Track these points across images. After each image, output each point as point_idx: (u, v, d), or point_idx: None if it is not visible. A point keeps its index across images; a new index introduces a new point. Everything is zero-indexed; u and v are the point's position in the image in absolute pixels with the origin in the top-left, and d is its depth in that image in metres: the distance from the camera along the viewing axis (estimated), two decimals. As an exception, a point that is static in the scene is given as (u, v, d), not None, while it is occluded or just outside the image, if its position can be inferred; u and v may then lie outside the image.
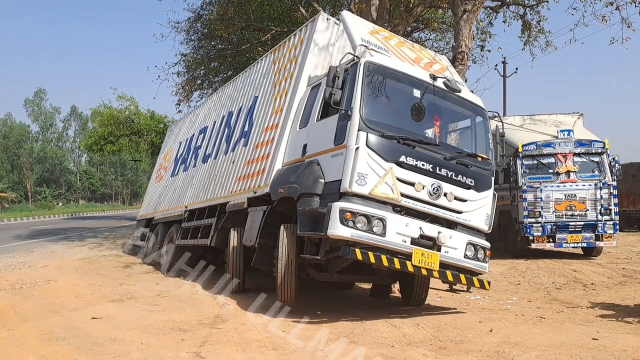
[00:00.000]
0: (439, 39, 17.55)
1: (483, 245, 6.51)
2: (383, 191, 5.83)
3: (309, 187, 6.26)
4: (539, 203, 12.20)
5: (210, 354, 4.71)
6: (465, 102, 6.90)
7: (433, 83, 6.51)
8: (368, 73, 6.07)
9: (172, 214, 11.76)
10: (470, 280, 6.38)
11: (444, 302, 7.89)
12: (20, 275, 9.11)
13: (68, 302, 7.07)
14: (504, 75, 26.28)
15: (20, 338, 5.15)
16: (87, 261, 11.89)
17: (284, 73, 8.29)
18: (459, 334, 5.64)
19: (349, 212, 5.63)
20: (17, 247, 15.57)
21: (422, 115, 6.41)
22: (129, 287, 8.53)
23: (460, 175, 6.30)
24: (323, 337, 5.43)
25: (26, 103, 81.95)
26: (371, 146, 5.83)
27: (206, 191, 10.11)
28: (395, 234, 5.81)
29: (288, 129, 7.50)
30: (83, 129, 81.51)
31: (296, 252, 6.41)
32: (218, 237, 8.97)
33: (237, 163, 8.99)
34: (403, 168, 5.94)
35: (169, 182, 13.43)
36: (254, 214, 7.68)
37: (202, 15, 17.89)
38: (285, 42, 8.86)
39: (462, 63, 9.13)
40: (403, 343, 5.27)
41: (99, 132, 27.78)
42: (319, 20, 7.80)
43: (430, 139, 6.48)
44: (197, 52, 19.20)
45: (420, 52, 7.64)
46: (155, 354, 4.70)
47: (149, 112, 27.83)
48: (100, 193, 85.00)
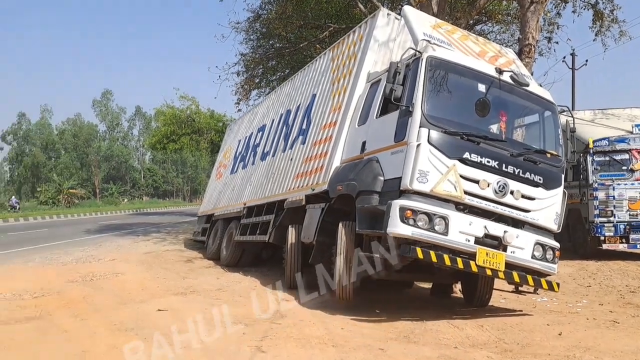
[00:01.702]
0: (503, 31, 16.97)
1: (552, 245, 6.24)
2: (445, 189, 5.69)
3: (368, 184, 6.20)
4: (611, 202, 11.56)
5: (271, 348, 4.74)
6: (533, 96, 6.62)
7: (499, 77, 6.28)
8: (430, 68, 5.93)
9: (232, 210, 11.98)
10: (537, 282, 6.13)
11: (508, 304, 7.62)
12: (91, 268, 9.55)
13: (135, 294, 7.33)
14: (573, 67, 25.15)
15: (92, 327, 5.39)
16: (151, 255, 12.31)
17: (343, 70, 8.25)
18: (526, 337, 5.43)
19: (410, 210, 5.53)
20: (87, 241, 16.35)
21: (487, 110, 6.20)
22: (191, 281, 8.76)
23: (528, 172, 6.06)
24: (383, 336, 5.37)
25: (94, 104, 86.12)
26: (433, 143, 5.69)
27: (264, 188, 10.24)
28: (459, 232, 5.65)
29: (346, 126, 7.46)
30: (147, 128, 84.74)
31: (354, 250, 6.36)
32: (276, 233, 9.06)
33: (295, 160, 9.04)
34: (467, 165, 5.77)
35: (228, 179, 13.70)
36: (312, 211, 7.69)
37: (261, 15, 18.17)
38: (344, 39, 8.82)
39: (529, 56, 8.78)
40: (466, 345, 5.12)
41: (162, 131, 28.90)
42: (379, 15, 7.71)
43: (496, 135, 6.26)
44: (255, 51, 19.53)
45: (485, 45, 7.40)
46: (219, 346, 4.79)
47: (209, 111, 28.68)
48: (162, 190, 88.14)
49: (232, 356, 4.53)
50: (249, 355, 4.55)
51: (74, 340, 4.88)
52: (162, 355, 4.46)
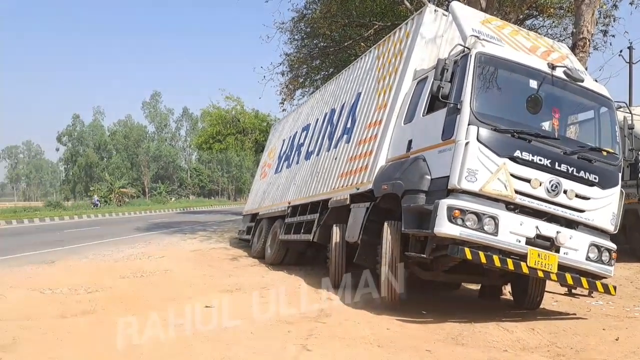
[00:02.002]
0: (555, 25, 16.38)
1: (608, 246, 5.99)
2: (495, 188, 5.54)
3: (415, 183, 6.12)
4: (671, 202, 11.00)
5: (316, 347, 4.75)
6: (588, 92, 6.37)
7: (552, 72, 6.07)
8: (479, 64, 5.79)
9: (276, 209, 12.08)
10: (592, 285, 5.91)
11: (561, 307, 7.36)
12: (141, 264, 9.84)
13: (183, 291, 7.50)
14: (630, 61, 24.05)
15: (143, 322, 5.52)
16: (198, 253, 12.58)
17: (389, 68, 8.17)
18: (580, 341, 5.22)
19: (458, 210, 5.42)
20: (137, 238, 16.86)
21: (539, 107, 5.99)
22: (237, 279, 8.89)
23: (582, 171, 5.83)
24: (429, 338, 5.29)
25: (143, 105, 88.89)
26: (482, 141, 5.56)
27: (309, 187, 10.27)
28: (509, 233, 5.50)
29: (392, 125, 7.39)
30: (193, 128, 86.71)
31: (400, 250, 6.29)
32: (320, 232, 9.07)
33: (340, 160, 9.02)
34: (518, 163, 5.60)
35: (272, 178, 13.83)
36: (356, 210, 7.66)
37: (306, 14, 18.26)
38: (390, 36, 8.74)
39: (584, 50, 8.43)
40: (517, 348, 4.98)
41: (208, 131, 29.48)
42: (426, 12, 7.59)
43: (549, 132, 6.05)
44: (300, 51, 19.63)
45: (537, 40, 7.17)
46: (264, 344, 4.84)
47: (254, 112, 29.02)
48: (208, 189, 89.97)
49: (278, 354, 4.56)
50: (295, 353, 4.57)
51: (125, 335, 4.98)
52: (210, 351, 4.53)
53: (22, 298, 6.62)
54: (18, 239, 16.53)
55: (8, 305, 6.13)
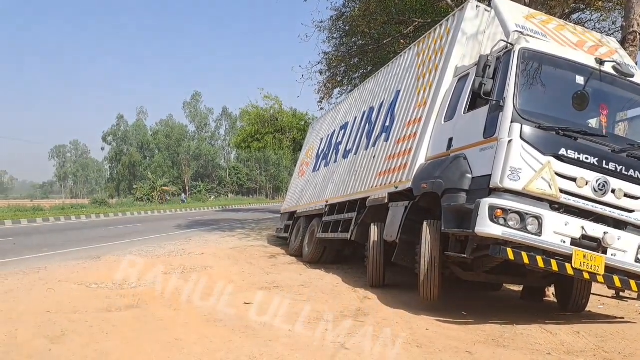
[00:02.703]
0: (603, 19, 15.78)
1: (659, 248, 5.73)
2: (539, 187, 5.40)
3: (455, 182, 6.04)
4: None
5: (354, 346, 4.74)
6: (639, 87, 6.12)
7: (600, 68, 5.88)
8: (523, 60, 5.65)
9: (314, 208, 12.12)
10: (642, 288, 5.67)
11: (608, 310, 7.12)
12: (182, 261, 10.03)
13: (222, 287, 7.60)
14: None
15: (184, 317, 5.64)
16: (237, 250, 12.73)
17: (429, 65, 8.07)
18: (628, 346, 5.04)
19: (500, 209, 5.31)
20: (177, 235, 17.23)
21: (585, 103, 5.80)
22: (275, 277, 8.95)
23: (631, 169, 5.61)
24: (470, 339, 5.20)
25: (184, 105, 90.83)
26: (526, 138, 5.43)
27: (346, 186, 10.25)
28: (553, 233, 5.35)
29: (432, 123, 7.30)
30: (232, 127, 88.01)
31: (440, 249, 6.21)
32: (358, 231, 9.04)
33: (378, 158, 8.97)
34: (563, 162, 5.44)
35: (310, 177, 13.87)
36: (395, 209, 7.60)
37: (345, 13, 18.21)
38: (430, 33, 8.63)
39: (634, 44, 8.09)
40: (561, 351, 4.84)
41: (246, 130, 29.77)
42: (468, 7, 7.45)
43: (596, 130, 5.87)
44: (338, 49, 19.59)
45: (584, 34, 6.94)
46: (302, 341, 4.85)
47: (292, 110, 29.14)
48: (246, 187, 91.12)
49: (316, 351, 4.57)
50: (333, 351, 4.57)
51: (169, 329, 5.13)
52: (249, 347, 4.58)
53: (70, 292, 6.84)
54: (65, 235, 17.13)
55: (57, 299, 6.34)
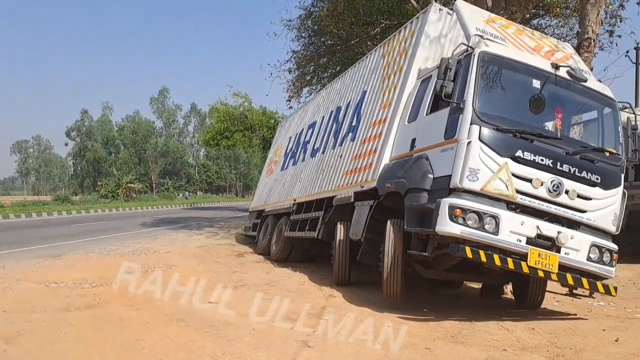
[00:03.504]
0: (561, 25, 16.28)
1: (609, 247, 5.99)
2: (496, 187, 5.56)
3: (417, 182, 6.15)
4: (677, 203, 10.94)
5: (318, 344, 4.80)
6: (591, 92, 6.36)
7: (555, 72, 6.07)
8: (482, 64, 5.80)
9: (282, 206, 12.14)
10: (593, 285, 5.91)
11: (562, 307, 7.37)
12: (146, 260, 9.90)
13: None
14: (637, 62, 23.83)
15: (146, 317, 5.60)
16: (204, 249, 12.64)
17: (393, 67, 8.20)
18: (580, 342, 5.22)
19: (459, 209, 5.45)
20: (142, 233, 16.99)
21: (541, 107, 5.98)
22: (242, 275, 8.94)
23: (584, 171, 5.83)
24: (429, 336, 5.32)
25: (152, 101, 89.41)
26: (484, 140, 5.58)
27: (314, 185, 10.32)
28: (509, 232, 5.52)
29: (396, 123, 7.41)
30: (201, 124, 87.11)
31: (403, 248, 6.32)
32: (325, 230, 9.11)
33: (345, 157, 9.06)
34: (519, 163, 5.62)
35: (278, 175, 13.89)
36: (360, 208, 7.70)
37: (313, 12, 18.29)
38: (395, 35, 8.75)
39: (589, 50, 8.40)
40: (516, 347, 4.99)
41: (215, 127, 29.60)
42: (431, 11, 7.60)
43: (551, 133, 6.06)
44: (307, 48, 19.65)
45: (541, 40, 7.15)
46: (266, 340, 4.88)
47: (261, 109, 29.09)
48: (215, 185, 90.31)
49: (279, 349, 4.61)
50: (296, 349, 4.62)
51: (129, 329, 5.09)
52: (212, 347, 4.60)
53: (28, 291, 6.70)
54: (25, 232, 16.71)
55: (14, 298, 6.21)
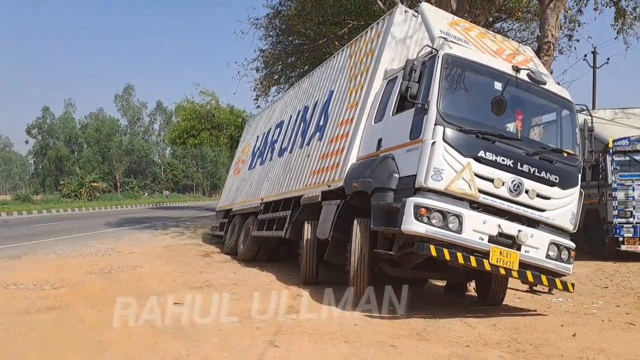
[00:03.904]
0: (523, 29, 16.72)
1: (567, 245, 6.19)
2: (460, 187, 5.68)
3: (384, 181, 6.22)
4: (631, 202, 11.41)
5: (284, 343, 4.80)
6: (550, 94, 6.56)
7: (516, 75, 6.23)
8: (446, 66, 5.91)
9: (249, 206, 12.09)
10: (552, 282, 6.10)
11: (523, 304, 7.57)
12: (109, 261, 9.73)
13: (152, 287, 7.46)
14: (594, 66, 24.68)
15: (109, 319, 5.48)
16: (169, 249, 12.49)
17: (360, 67, 8.26)
18: (539, 337, 5.39)
19: (424, 208, 5.54)
20: (106, 233, 16.65)
21: (503, 108, 6.14)
22: (208, 275, 8.88)
23: (543, 171, 6.01)
24: (395, 333, 5.39)
25: (116, 98, 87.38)
26: (448, 141, 5.68)
27: (281, 184, 10.31)
28: (472, 231, 5.64)
29: (363, 123, 7.48)
30: (167, 123, 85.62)
31: (369, 247, 6.39)
32: (292, 229, 9.12)
33: (312, 157, 9.08)
34: (481, 163, 5.75)
35: (246, 175, 13.81)
36: (327, 207, 7.74)
37: (281, 11, 18.22)
38: (362, 35, 8.82)
39: (548, 54, 8.65)
40: (478, 343, 5.11)
41: (182, 125, 29.13)
42: (397, 12, 7.69)
43: (512, 134, 6.22)
44: (275, 47, 19.57)
45: (503, 43, 7.34)
46: (232, 340, 4.86)
47: (229, 107, 28.80)
48: (182, 184, 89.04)
49: (245, 350, 4.59)
50: (262, 349, 4.61)
51: (92, 331, 5.00)
52: (176, 348, 4.55)
53: (-14, 294, 6.52)
54: (-17, 233, 16.16)
55: (-29, 301, 6.03)
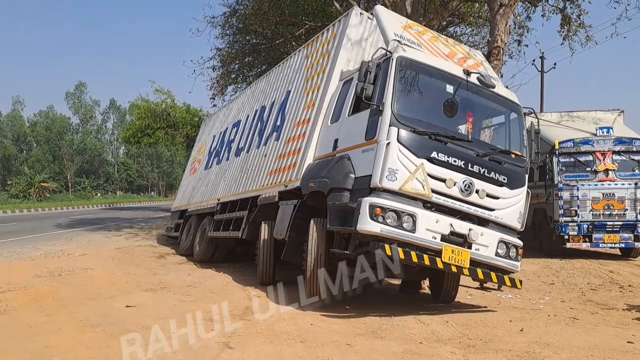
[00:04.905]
0: (475, 33, 17.23)
1: (515, 243, 6.41)
2: (413, 187, 5.79)
3: (340, 181, 6.28)
4: (576, 202, 11.90)
5: (239, 344, 4.77)
6: (499, 98, 6.78)
7: (466, 78, 6.40)
8: (400, 68, 6.02)
9: (205, 206, 11.95)
10: (501, 279, 6.30)
11: (474, 300, 7.80)
12: (59, 263, 9.42)
13: (104, 290, 7.28)
14: (542, 70, 25.67)
15: (58, 323, 5.35)
16: (123, 251, 12.20)
17: (317, 68, 8.31)
18: (489, 333, 5.57)
19: (379, 208, 5.62)
20: (57, 235, 16.10)
21: (454, 111, 6.31)
22: (163, 277, 8.73)
23: (492, 172, 6.21)
24: (351, 332, 5.45)
25: (67, 96, 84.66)
26: (402, 141, 5.79)
27: (238, 184, 10.24)
28: (425, 230, 5.77)
29: (320, 124, 7.52)
30: (121, 121, 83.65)
31: (326, 246, 6.43)
32: (249, 229, 9.08)
33: (269, 157, 9.07)
34: (434, 164, 5.89)
35: (202, 174, 13.65)
36: (284, 207, 7.74)
37: (238, 10, 18.10)
38: (318, 36, 8.88)
39: (498, 58, 8.94)
40: (431, 340, 5.23)
41: (136, 124, 28.46)
42: (352, 14, 7.78)
43: (463, 135, 6.39)
44: (232, 46, 19.41)
45: (454, 47, 7.53)
46: (186, 343, 4.79)
47: (185, 106, 28.38)
48: (137, 184, 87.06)
49: (199, 352, 4.54)
50: (216, 351, 4.57)
51: (38, 336, 4.85)
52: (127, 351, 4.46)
53: None
54: None
55: None
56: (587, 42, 14.02)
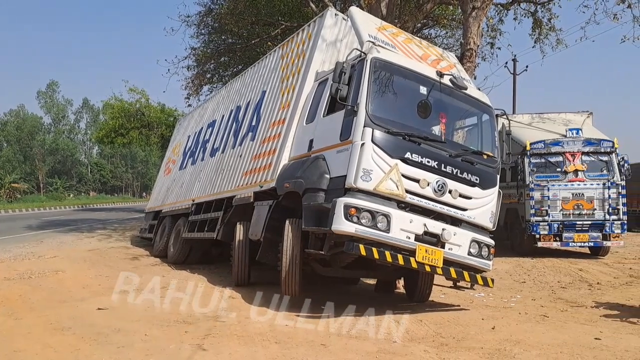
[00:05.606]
0: (449, 35, 17.46)
1: (487, 242, 6.50)
2: (388, 187, 5.84)
3: (315, 182, 6.29)
4: (546, 201, 12.15)
5: (213, 346, 4.75)
6: (471, 99, 6.87)
7: (439, 80, 6.48)
8: (374, 69, 6.06)
9: (180, 207, 11.83)
10: (473, 278, 6.39)
11: (447, 299, 7.89)
12: (30, 265, 9.22)
13: (75, 293, 7.15)
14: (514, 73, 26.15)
15: (27, 327, 5.24)
16: (95, 252, 11.99)
17: (292, 68, 8.31)
18: (461, 331, 5.65)
19: (354, 208, 5.65)
20: (27, 237, 15.74)
21: (428, 112, 6.39)
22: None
23: (465, 172, 6.29)
24: (326, 332, 5.47)
25: (39, 95, 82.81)
26: (376, 142, 5.83)
27: (213, 185, 10.17)
28: (400, 230, 5.81)
29: (295, 124, 7.52)
30: (94, 121, 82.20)
31: (301, 247, 6.43)
32: (224, 230, 9.02)
33: (244, 157, 9.03)
34: (408, 164, 5.94)
35: (177, 175, 13.51)
36: (260, 208, 7.72)
37: (213, 10, 17.97)
38: (294, 37, 8.88)
39: (470, 60, 9.07)
40: (405, 339, 5.29)
41: (110, 124, 28.00)
42: (327, 15, 7.80)
43: (436, 136, 6.46)
44: (207, 46, 19.25)
45: (428, 49, 7.62)
46: (159, 345, 4.75)
47: (160, 105, 28.05)
48: (110, 185, 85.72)
49: (172, 355, 4.51)
50: (189, 353, 4.54)
51: (7, 340, 4.74)
52: (99, 355, 4.40)
53: None
54: None
55: None
56: (557, 45, 14.37)
